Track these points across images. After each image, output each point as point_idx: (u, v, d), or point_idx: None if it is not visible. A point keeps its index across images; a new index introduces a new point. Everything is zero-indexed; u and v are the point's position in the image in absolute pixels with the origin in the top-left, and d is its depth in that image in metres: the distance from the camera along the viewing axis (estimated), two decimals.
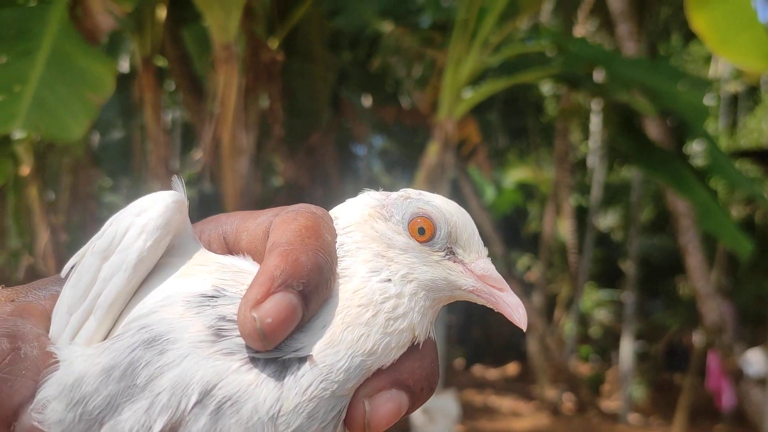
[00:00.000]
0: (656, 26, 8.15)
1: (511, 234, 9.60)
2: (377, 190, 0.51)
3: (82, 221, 5.51)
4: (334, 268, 0.44)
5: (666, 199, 5.73)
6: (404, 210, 0.48)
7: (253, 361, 0.40)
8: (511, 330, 9.95)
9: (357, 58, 5.75)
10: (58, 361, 0.40)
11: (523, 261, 10.41)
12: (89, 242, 0.45)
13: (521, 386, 8.96)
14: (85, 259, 0.44)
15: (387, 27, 4.93)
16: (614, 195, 9.89)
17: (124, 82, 4.66)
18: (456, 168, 5.07)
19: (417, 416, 4.69)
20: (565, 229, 8.51)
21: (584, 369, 9.32)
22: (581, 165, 10.15)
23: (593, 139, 8.63)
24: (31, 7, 2.62)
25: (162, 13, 4.09)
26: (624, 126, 4.43)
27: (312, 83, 5.08)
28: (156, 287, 0.44)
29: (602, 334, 9.79)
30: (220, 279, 0.44)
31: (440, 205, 0.48)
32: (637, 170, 7.14)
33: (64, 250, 5.08)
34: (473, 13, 3.78)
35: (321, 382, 0.40)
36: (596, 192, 8.07)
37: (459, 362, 9.91)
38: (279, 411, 0.39)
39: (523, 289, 7.19)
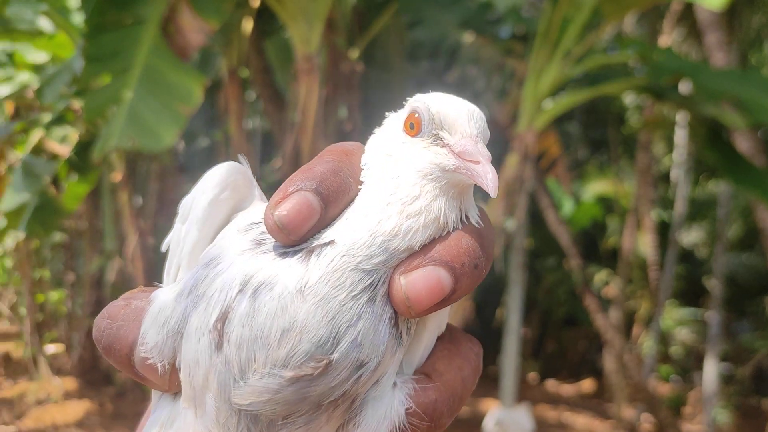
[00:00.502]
0: (748, 35, 7.80)
1: (589, 248, 9.37)
2: None
3: (167, 226, 5.72)
4: (352, 173, 0.50)
5: (756, 216, 5.47)
6: (404, 112, 0.53)
7: (285, 253, 0.47)
8: (587, 345, 9.69)
9: (435, 69, 5.76)
10: (153, 301, 0.50)
11: (600, 276, 10.14)
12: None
13: (597, 404, 8.70)
14: (172, 231, 0.55)
15: (467, 38, 4.92)
16: (699, 210, 9.50)
17: (208, 93, 4.83)
18: (534, 180, 4.99)
19: (490, 429, 4.64)
20: (645, 244, 8.23)
21: (664, 389, 8.97)
22: (664, 178, 9.81)
23: (678, 151, 8.33)
24: (126, 28, 2.76)
25: (248, 26, 4.23)
26: (712, 139, 4.26)
27: (390, 93, 5.12)
28: (222, 228, 0.53)
29: (684, 354, 9.40)
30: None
31: (425, 98, 0.52)
32: (726, 185, 6.84)
33: (151, 254, 5.29)
34: (556, 24, 3.72)
35: (342, 257, 0.46)
36: (680, 207, 7.78)
37: (533, 376, 9.73)
38: (306, 284, 0.45)
39: (601, 304, 7.00)
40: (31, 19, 4.52)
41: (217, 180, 0.53)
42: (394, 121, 0.53)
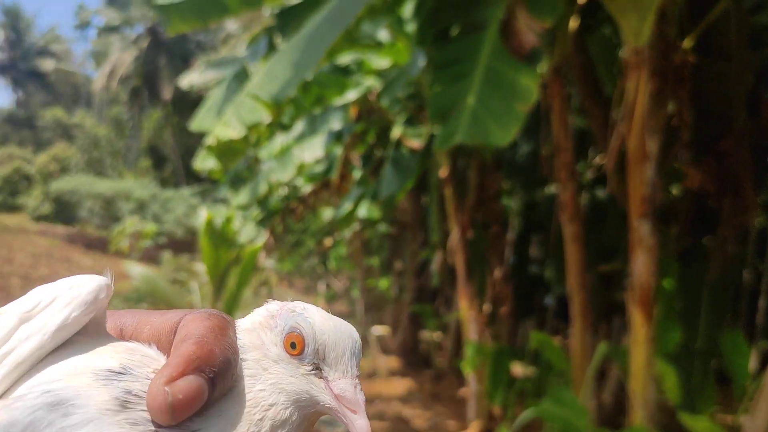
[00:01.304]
0: None
1: None
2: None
3: (484, 221, 5.98)
4: (236, 365, 0.47)
5: None
6: (285, 323, 0.50)
7: None
8: None
9: None
10: None
11: None
12: (7, 305, 0.46)
13: None
14: (2, 317, 0.45)
15: None
16: None
17: None
18: None
19: None
20: None
21: None
22: None
23: None
24: (466, 39, 3.00)
25: (573, 23, 4.25)
26: None
27: (725, 84, 4.72)
28: (65, 358, 0.45)
29: None
30: (127, 359, 0.46)
31: (316, 323, 0.50)
32: None
33: (469, 248, 5.60)
34: None
35: None
36: None
37: None
38: None
39: None
40: (373, 33, 5.12)
41: (90, 298, 0.46)
42: (274, 321, 0.51)
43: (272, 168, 5.80)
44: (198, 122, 4.80)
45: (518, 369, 5.54)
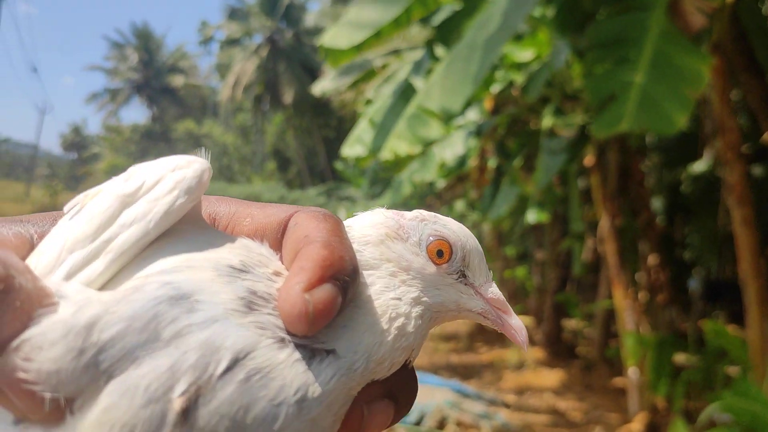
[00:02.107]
0: None
1: None
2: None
3: (631, 207, 5.78)
4: (360, 273, 0.44)
5: None
6: (421, 232, 0.49)
7: (284, 341, 0.39)
8: None
9: None
10: (56, 301, 0.36)
11: None
12: (104, 184, 0.43)
13: None
14: (101, 198, 0.41)
15: None
16: None
17: None
18: None
19: None
20: None
21: None
22: None
23: None
24: (629, 16, 2.90)
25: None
26: None
27: None
28: (174, 248, 0.41)
29: None
30: (246, 256, 0.42)
31: (456, 230, 0.49)
32: None
33: (618, 235, 5.44)
34: None
35: (342, 377, 0.41)
36: None
37: None
38: (305, 395, 0.39)
39: None
40: None
41: (195, 183, 0.42)
42: (404, 230, 0.49)
43: (414, 168, 5.88)
44: (350, 146, 4.99)
45: (680, 358, 5.32)
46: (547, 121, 4.74)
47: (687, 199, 7.00)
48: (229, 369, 0.36)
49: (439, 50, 3.93)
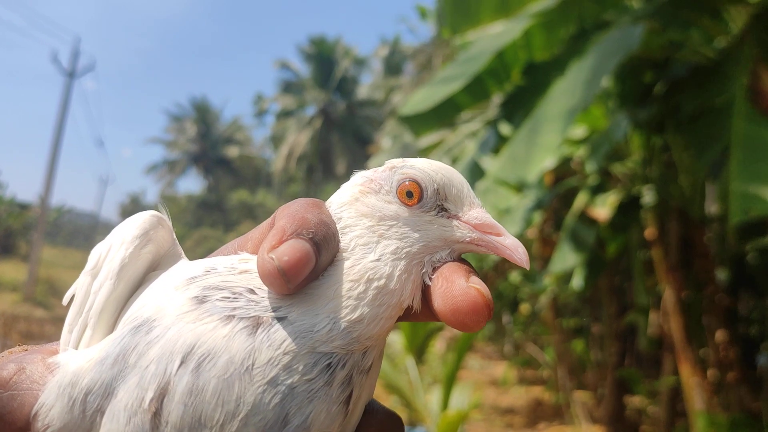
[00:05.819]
0: None
1: None
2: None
3: (695, 280, 5.63)
4: (336, 229, 0.46)
5: None
6: (391, 179, 0.49)
7: (228, 318, 0.42)
8: None
9: None
10: (57, 369, 0.43)
11: None
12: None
13: None
14: (79, 281, 0.48)
15: None
16: None
17: None
18: None
19: None
20: None
21: None
22: None
23: None
24: (714, 109, 2.95)
25: None
26: None
27: None
28: (147, 288, 0.47)
29: None
30: (216, 262, 0.46)
31: (423, 167, 0.49)
32: None
33: (684, 309, 5.29)
34: None
35: (296, 338, 0.42)
36: None
37: None
38: (253, 363, 0.40)
39: None
40: None
41: (139, 231, 0.48)
42: (375, 183, 0.49)
43: None
44: None
45: None
46: (581, 199, 4.73)
47: (752, 271, 6.78)
48: (182, 364, 0.40)
49: (504, 127, 3.99)
